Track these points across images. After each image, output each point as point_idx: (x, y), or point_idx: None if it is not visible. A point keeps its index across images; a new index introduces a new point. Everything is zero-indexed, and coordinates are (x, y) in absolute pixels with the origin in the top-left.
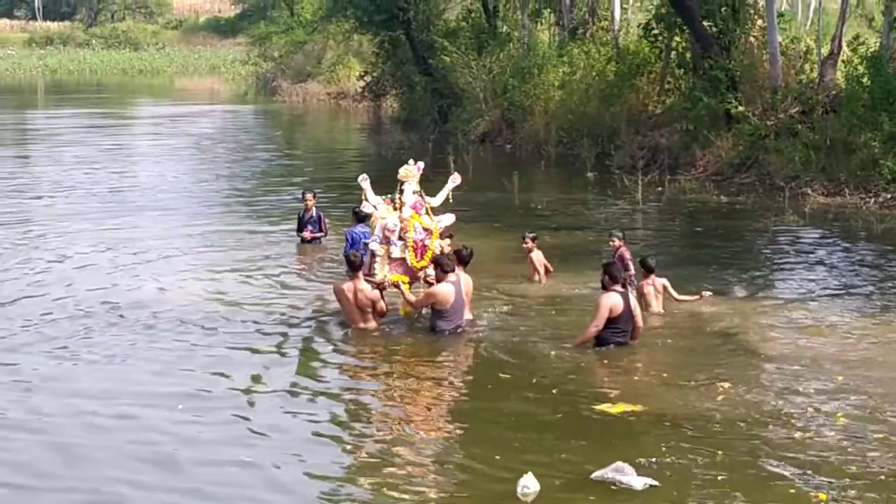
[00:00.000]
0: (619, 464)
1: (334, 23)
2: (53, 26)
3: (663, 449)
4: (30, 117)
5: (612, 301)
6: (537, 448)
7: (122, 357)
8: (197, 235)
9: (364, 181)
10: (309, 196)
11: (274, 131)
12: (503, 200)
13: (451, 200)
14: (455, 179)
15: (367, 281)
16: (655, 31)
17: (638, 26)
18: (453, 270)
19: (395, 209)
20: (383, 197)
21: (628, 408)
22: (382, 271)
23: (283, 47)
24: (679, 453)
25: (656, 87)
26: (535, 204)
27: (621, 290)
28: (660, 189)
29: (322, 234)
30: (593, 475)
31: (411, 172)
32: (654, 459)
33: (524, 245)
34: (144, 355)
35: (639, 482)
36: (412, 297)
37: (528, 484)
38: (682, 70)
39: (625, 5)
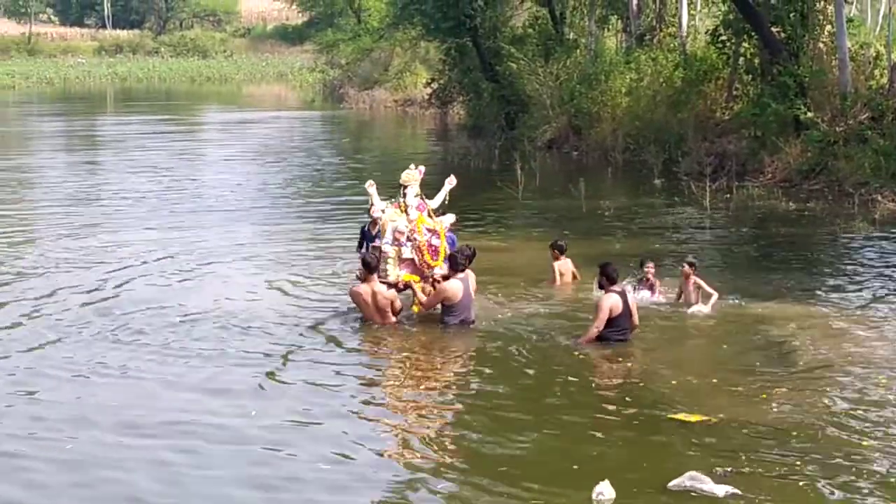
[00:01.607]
0: (694, 472)
1: (401, 30)
2: (123, 35)
3: (742, 458)
4: (99, 124)
5: (611, 302)
6: (611, 455)
7: (162, 358)
8: (261, 239)
9: (371, 187)
10: None
11: (341, 138)
12: (570, 207)
13: (447, 202)
14: (451, 181)
15: (381, 282)
16: (723, 38)
17: (706, 32)
18: (464, 269)
19: (402, 212)
20: (390, 201)
21: (705, 417)
22: (395, 272)
23: (350, 54)
24: (756, 462)
25: (724, 93)
26: (602, 211)
27: (619, 290)
28: (728, 196)
29: None
30: (670, 484)
31: (413, 176)
32: (729, 468)
33: (552, 253)
34: (179, 355)
35: (720, 490)
36: (424, 297)
37: (604, 491)
38: (751, 76)
39: (692, 11)
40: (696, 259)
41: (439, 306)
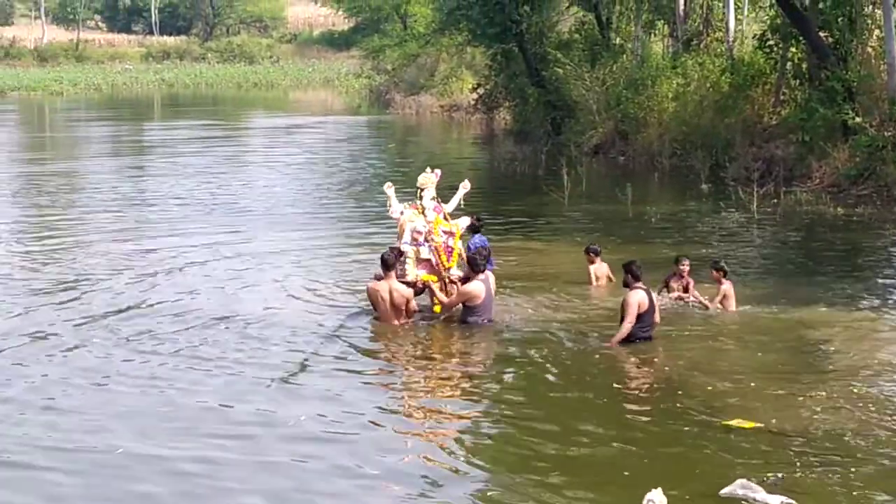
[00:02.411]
0: (744, 481)
1: (447, 36)
2: (170, 41)
3: (797, 464)
4: (146, 129)
5: (639, 298)
6: (660, 462)
7: (180, 364)
8: (302, 244)
9: (389, 188)
10: None
11: (387, 143)
12: (617, 212)
13: (462, 205)
14: (466, 185)
15: (400, 281)
16: (771, 42)
17: (753, 37)
18: (484, 270)
19: (420, 213)
20: (408, 202)
21: (759, 423)
22: (413, 272)
23: (397, 60)
24: (809, 469)
25: (771, 98)
26: (649, 216)
27: (644, 287)
28: (775, 201)
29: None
30: (722, 492)
31: (430, 180)
32: (780, 475)
33: (587, 257)
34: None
35: (774, 499)
36: (444, 297)
37: (654, 498)
38: (798, 81)
39: (739, 16)
40: (724, 262)
41: (460, 306)
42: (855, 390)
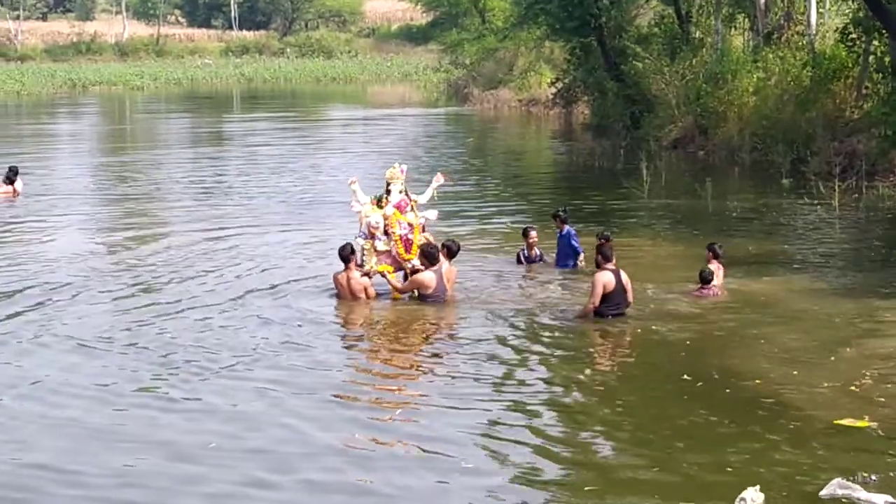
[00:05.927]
0: (841, 480)
1: (526, 30)
2: (249, 36)
3: None
4: (226, 122)
5: (605, 279)
6: (756, 459)
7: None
8: None
9: (353, 184)
10: (532, 233)
11: (465, 137)
12: (697, 207)
13: (435, 198)
14: (439, 179)
15: (357, 270)
16: (853, 36)
17: (835, 30)
18: (437, 261)
19: (379, 208)
20: (370, 197)
21: (872, 423)
22: (370, 262)
23: (475, 54)
24: None
25: (853, 92)
26: (730, 211)
27: (612, 268)
28: (857, 196)
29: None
30: (822, 493)
31: (396, 174)
32: (873, 476)
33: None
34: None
35: (879, 499)
36: (398, 284)
37: (747, 497)
38: (881, 75)
39: (821, 9)
40: (717, 245)
41: (416, 292)
42: None
